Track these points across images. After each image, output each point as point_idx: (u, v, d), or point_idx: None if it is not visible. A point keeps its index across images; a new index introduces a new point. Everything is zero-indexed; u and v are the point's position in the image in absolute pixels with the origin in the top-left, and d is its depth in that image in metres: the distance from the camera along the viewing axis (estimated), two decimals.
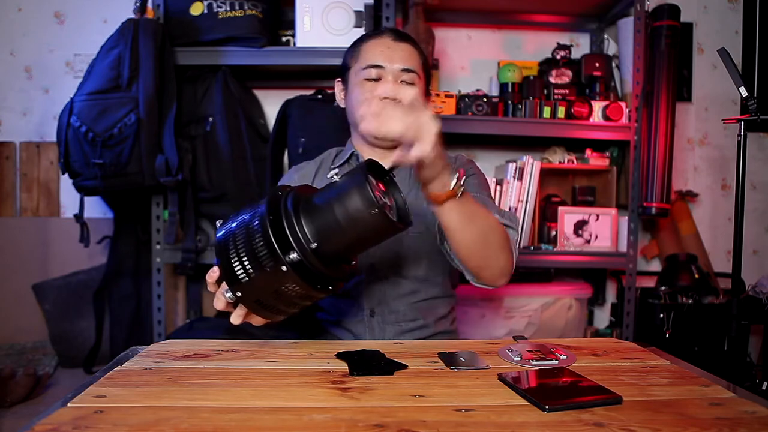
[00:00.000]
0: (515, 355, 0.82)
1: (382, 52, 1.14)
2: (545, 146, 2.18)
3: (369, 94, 1.12)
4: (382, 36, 1.17)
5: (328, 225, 0.75)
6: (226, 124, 1.90)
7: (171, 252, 1.91)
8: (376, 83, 1.13)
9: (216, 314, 2.20)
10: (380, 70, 1.13)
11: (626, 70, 2.10)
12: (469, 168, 1.18)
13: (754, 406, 0.64)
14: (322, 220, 0.75)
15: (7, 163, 2.17)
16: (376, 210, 0.72)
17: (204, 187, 1.91)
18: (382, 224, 0.74)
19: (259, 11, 1.89)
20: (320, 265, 0.75)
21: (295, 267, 0.73)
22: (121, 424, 0.58)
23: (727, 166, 2.39)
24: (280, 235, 0.73)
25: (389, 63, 1.13)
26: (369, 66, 1.13)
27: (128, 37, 1.73)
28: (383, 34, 1.17)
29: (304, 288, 0.76)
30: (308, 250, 0.74)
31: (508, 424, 0.59)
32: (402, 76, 1.13)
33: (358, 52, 1.17)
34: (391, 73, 1.13)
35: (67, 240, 2.07)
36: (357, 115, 1.13)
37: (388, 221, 0.74)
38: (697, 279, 2.07)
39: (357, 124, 1.16)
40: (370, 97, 1.11)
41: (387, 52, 1.14)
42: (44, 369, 1.93)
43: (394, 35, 1.17)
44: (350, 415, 0.61)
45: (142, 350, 0.86)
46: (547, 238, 2.05)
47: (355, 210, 0.73)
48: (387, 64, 1.13)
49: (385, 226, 0.75)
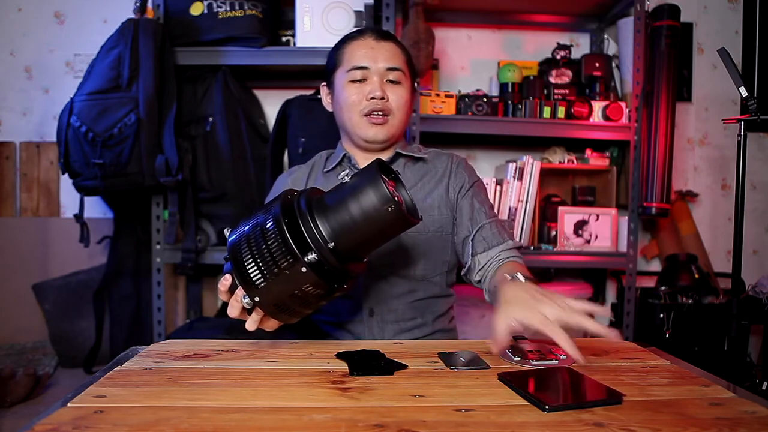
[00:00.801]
0: (515, 355, 0.82)
1: (365, 53, 1.14)
2: (545, 146, 2.18)
3: (356, 97, 1.13)
4: (364, 36, 1.16)
5: (345, 223, 0.75)
6: (226, 124, 1.90)
7: (171, 252, 1.91)
8: (363, 84, 1.13)
9: (216, 314, 2.20)
10: (365, 71, 1.13)
11: (626, 70, 2.10)
12: (472, 177, 1.21)
13: (754, 406, 0.64)
14: (338, 219, 0.76)
15: (7, 163, 2.17)
16: (393, 206, 0.74)
17: (204, 187, 1.90)
18: (397, 220, 0.76)
19: (259, 11, 1.89)
20: (337, 263, 0.76)
21: (314, 267, 0.73)
22: (121, 424, 0.58)
23: (727, 166, 2.39)
24: (297, 236, 0.74)
25: (373, 63, 1.13)
26: (354, 68, 1.13)
27: (128, 37, 1.73)
28: (364, 35, 1.17)
29: (322, 288, 0.76)
30: (326, 250, 0.75)
31: (508, 424, 0.59)
32: (388, 75, 1.14)
33: (341, 55, 1.17)
34: (376, 73, 1.13)
35: (67, 240, 2.07)
36: (346, 119, 1.15)
37: (403, 217, 0.76)
38: (697, 279, 2.07)
39: (346, 127, 1.17)
40: (356, 100, 1.13)
41: (370, 52, 1.13)
42: (44, 369, 1.93)
43: (375, 35, 1.16)
44: (350, 415, 0.61)
45: (142, 350, 0.86)
46: (547, 238, 2.05)
47: (372, 207, 0.74)
48: (371, 64, 1.13)
49: (400, 221, 0.77)
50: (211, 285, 2.27)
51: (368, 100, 1.12)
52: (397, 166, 1.19)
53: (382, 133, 1.14)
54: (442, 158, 1.21)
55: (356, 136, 1.16)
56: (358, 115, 1.13)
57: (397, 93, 1.14)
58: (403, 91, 1.15)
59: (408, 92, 1.17)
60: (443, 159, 1.21)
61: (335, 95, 1.18)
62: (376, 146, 1.17)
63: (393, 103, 1.14)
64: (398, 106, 1.14)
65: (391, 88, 1.14)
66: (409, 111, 1.19)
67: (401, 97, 1.15)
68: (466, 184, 1.18)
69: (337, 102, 1.18)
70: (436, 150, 1.24)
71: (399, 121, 1.16)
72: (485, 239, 1.13)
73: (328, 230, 0.76)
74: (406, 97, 1.16)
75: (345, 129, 1.19)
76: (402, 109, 1.15)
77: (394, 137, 1.17)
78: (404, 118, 1.17)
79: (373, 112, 1.12)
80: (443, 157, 1.22)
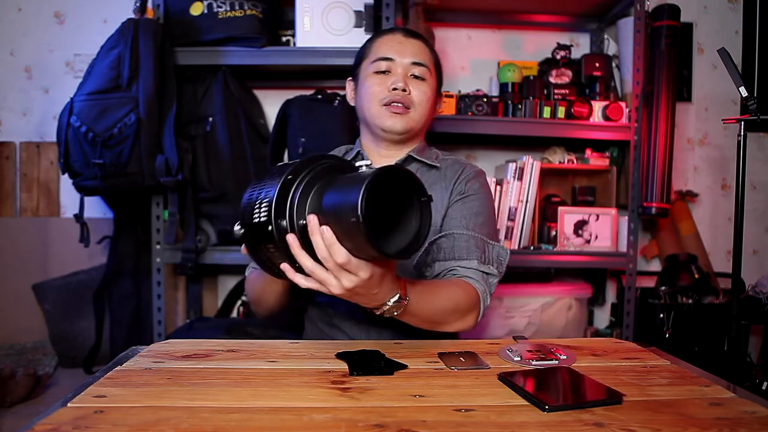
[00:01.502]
0: (515, 355, 0.82)
1: (392, 46, 1.13)
2: (545, 146, 2.18)
3: (378, 87, 1.11)
4: (394, 33, 1.16)
5: (325, 212, 0.73)
6: (226, 124, 1.90)
7: (171, 252, 1.91)
8: (386, 76, 1.12)
9: (216, 314, 2.20)
10: (390, 63, 1.12)
11: (626, 70, 2.10)
12: (476, 188, 1.13)
13: (754, 406, 0.64)
14: (322, 204, 0.74)
15: (7, 163, 2.17)
16: (354, 218, 0.65)
17: (204, 187, 1.90)
18: (360, 235, 0.66)
19: (259, 11, 1.89)
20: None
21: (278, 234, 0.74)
22: (121, 424, 0.58)
23: (727, 166, 2.39)
24: (281, 201, 0.74)
25: (399, 56, 1.12)
26: (379, 59, 1.12)
27: (128, 37, 1.73)
28: (394, 31, 1.17)
29: (284, 257, 0.77)
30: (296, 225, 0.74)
31: (508, 424, 0.59)
32: (412, 69, 1.12)
33: (368, 48, 1.17)
34: (401, 66, 1.12)
35: (67, 240, 2.07)
36: (366, 108, 1.13)
37: (366, 236, 0.65)
38: (697, 279, 2.07)
39: (365, 118, 1.15)
40: (379, 90, 1.10)
41: (397, 46, 1.13)
42: (44, 369, 1.93)
43: (405, 32, 1.17)
44: (350, 415, 0.61)
45: (142, 350, 0.86)
46: (547, 238, 2.05)
47: (343, 208, 0.68)
48: (397, 57, 1.12)
49: (365, 241, 0.66)
50: (211, 285, 2.27)
51: (390, 90, 1.10)
52: (410, 169, 1.15)
53: (400, 124, 1.11)
54: (455, 167, 1.16)
55: (374, 126, 1.13)
56: (378, 104, 1.11)
57: (420, 88, 1.12)
58: (427, 88, 1.13)
59: (431, 90, 1.15)
60: (456, 168, 1.16)
61: (358, 87, 1.17)
62: (392, 137, 1.13)
63: (415, 97, 1.12)
64: (420, 101, 1.12)
65: (415, 83, 1.12)
66: (431, 110, 1.17)
67: (424, 93, 1.12)
68: (467, 191, 1.12)
69: (359, 93, 1.16)
70: (454, 158, 1.20)
71: (420, 115, 1.13)
72: (452, 249, 1.05)
73: (308, 209, 0.74)
74: (429, 94, 1.14)
75: (364, 120, 1.16)
76: (424, 105, 1.13)
77: (413, 131, 1.14)
78: (425, 115, 1.15)
79: (394, 102, 1.10)
80: (456, 166, 1.17)
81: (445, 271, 1.05)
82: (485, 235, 1.08)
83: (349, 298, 0.78)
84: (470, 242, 1.05)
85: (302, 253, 0.75)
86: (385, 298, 0.82)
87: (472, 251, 1.04)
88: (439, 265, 1.06)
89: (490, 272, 1.04)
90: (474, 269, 1.03)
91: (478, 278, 1.02)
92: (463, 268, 1.03)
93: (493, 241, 1.09)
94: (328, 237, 0.71)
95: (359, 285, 0.75)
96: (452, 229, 1.07)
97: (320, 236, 0.72)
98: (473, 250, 1.04)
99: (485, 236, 1.08)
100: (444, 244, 1.07)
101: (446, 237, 1.07)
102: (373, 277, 0.75)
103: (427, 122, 1.18)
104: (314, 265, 0.74)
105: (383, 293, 0.81)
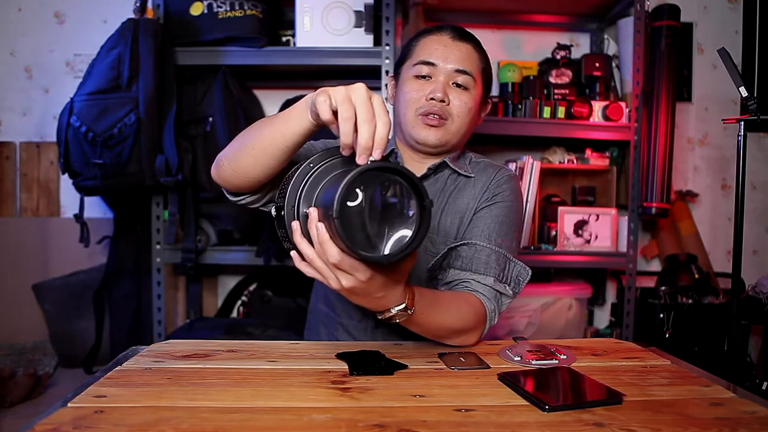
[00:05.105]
0: (515, 355, 0.82)
1: (437, 49, 1.05)
2: (545, 146, 2.18)
3: (416, 94, 1.04)
4: (441, 32, 1.07)
5: (321, 205, 0.72)
6: (226, 124, 1.90)
7: (171, 252, 1.91)
8: (426, 82, 1.05)
9: (216, 314, 2.20)
10: (432, 68, 1.04)
11: (626, 70, 2.10)
12: (506, 194, 1.07)
13: (754, 406, 0.64)
14: (314, 195, 0.76)
15: (7, 163, 2.17)
16: (334, 216, 0.62)
17: (204, 187, 1.90)
18: (335, 235, 0.65)
19: (259, 11, 1.89)
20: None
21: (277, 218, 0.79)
22: (121, 424, 0.58)
23: (727, 166, 2.39)
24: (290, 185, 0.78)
25: (442, 62, 1.04)
26: (420, 62, 1.05)
27: (128, 37, 1.73)
28: (442, 31, 1.07)
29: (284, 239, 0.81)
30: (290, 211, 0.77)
31: (508, 424, 0.59)
32: (455, 78, 1.04)
33: (412, 48, 1.09)
34: (443, 73, 1.04)
35: (67, 240, 2.07)
36: (401, 114, 1.08)
37: (339, 237, 0.63)
38: (697, 279, 2.07)
39: (400, 124, 1.10)
40: (416, 98, 1.04)
41: (442, 50, 1.05)
42: (44, 369, 1.93)
43: (453, 33, 1.07)
44: (350, 415, 0.61)
45: (142, 350, 0.86)
46: (547, 238, 2.05)
47: (329, 205, 0.65)
48: (440, 62, 1.04)
49: (338, 239, 0.65)
50: (211, 285, 2.27)
51: (428, 100, 1.03)
52: (442, 176, 1.10)
53: (434, 137, 1.04)
54: (488, 172, 1.10)
55: (408, 135, 1.07)
56: (413, 113, 1.05)
57: (461, 98, 1.04)
58: (469, 98, 1.05)
59: (475, 101, 1.06)
60: (488, 173, 1.10)
61: (398, 88, 1.10)
62: (426, 149, 1.07)
63: (454, 109, 1.04)
64: (459, 112, 1.04)
65: (456, 93, 1.04)
66: (473, 121, 1.09)
67: (465, 103, 1.05)
68: (496, 197, 1.06)
69: (398, 96, 1.10)
70: (487, 162, 1.13)
71: (458, 127, 1.06)
72: (471, 260, 0.99)
73: (302, 199, 0.76)
74: (471, 104, 1.05)
75: (399, 125, 1.10)
76: (463, 117, 1.05)
77: (449, 144, 1.07)
78: (465, 127, 1.07)
79: (430, 114, 1.03)
80: (489, 170, 1.10)
81: (458, 281, 0.99)
82: (507, 248, 1.02)
83: (349, 298, 0.77)
84: (491, 257, 0.99)
85: (303, 241, 0.73)
86: (389, 305, 0.79)
87: (491, 267, 0.98)
88: (454, 273, 1.00)
89: (505, 292, 0.99)
90: (489, 287, 0.97)
91: (491, 297, 0.96)
92: (477, 282, 0.97)
93: (516, 259, 1.02)
94: (320, 234, 0.69)
95: (357, 286, 0.72)
96: (474, 239, 1.01)
97: (315, 232, 0.70)
98: (492, 266, 0.98)
99: (507, 250, 1.02)
100: (464, 252, 1.01)
101: (467, 246, 1.01)
102: (374, 280, 0.73)
103: (468, 133, 1.10)
104: (314, 254, 0.73)
105: (388, 300, 0.78)
